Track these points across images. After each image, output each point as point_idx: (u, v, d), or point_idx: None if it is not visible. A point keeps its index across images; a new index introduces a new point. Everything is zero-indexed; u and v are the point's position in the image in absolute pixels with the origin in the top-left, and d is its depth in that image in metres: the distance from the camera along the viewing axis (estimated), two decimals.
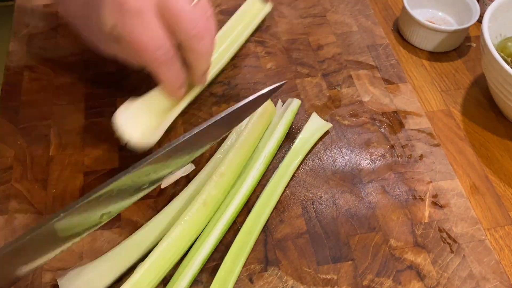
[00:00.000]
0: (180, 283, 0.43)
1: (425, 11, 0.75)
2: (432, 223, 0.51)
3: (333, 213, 0.51)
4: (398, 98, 0.62)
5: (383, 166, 0.55)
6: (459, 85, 0.67)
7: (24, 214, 0.50)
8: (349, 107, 0.61)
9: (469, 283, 0.47)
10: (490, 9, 0.61)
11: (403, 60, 0.70)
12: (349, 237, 0.50)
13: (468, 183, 0.57)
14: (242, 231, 0.48)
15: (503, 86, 0.57)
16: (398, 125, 0.59)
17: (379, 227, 0.51)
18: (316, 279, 0.47)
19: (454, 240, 0.50)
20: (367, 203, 0.52)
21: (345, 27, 0.71)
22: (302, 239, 0.50)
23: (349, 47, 0.68)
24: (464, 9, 0.72)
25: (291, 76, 0.64)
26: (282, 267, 0.48)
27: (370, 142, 0.58)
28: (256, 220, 0.48)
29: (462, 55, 0.71)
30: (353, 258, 0.48)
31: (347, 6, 0.73)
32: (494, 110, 0.65)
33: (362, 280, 0.47)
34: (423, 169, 0.55)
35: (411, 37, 0.71)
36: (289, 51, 0.67)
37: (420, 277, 0.47)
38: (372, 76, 0.64)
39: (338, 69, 0.65)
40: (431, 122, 0.61)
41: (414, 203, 0.53)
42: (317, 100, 0.61)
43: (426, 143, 0.58)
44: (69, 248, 0.48)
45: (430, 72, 0.69)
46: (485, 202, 0.56)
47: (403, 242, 0.50)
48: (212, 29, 0.48)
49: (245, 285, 0.46)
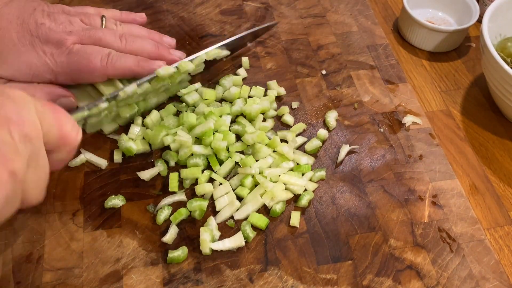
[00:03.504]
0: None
1: (425, 11, 0.75)
2: (431, 223, 0.51)
3: (333, 213, 0.52)
4: (398, 98, 0.62)
5: (383, 166, 0.55)
6: (459, 85, 0.68)
7: (24, 214, 0.50)
8: (349, 107, 0.61)
9: (469, 282, 0.47)
10: (490, 9, 0.61)
11: (403, 60, 0.71)
12: (349, 237, 0.50)
13: (468, 183, 0.57)
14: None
15: (503, 86, 0.57)
16: (398, 125, 0.59)
17: (379, 227, 0.51)
18: (316, 278, 0.47)
19: (454, 240, 0.50)
20: (367, 203, 0.52)
21: (345, 27, 0.71)
22: (302, 239, 0.50)
23: (349, 47, 0.68)
24: (464, 9, 0.72)
25: (291, 76, 0.64)
26: (282, 267, 0.48)
27: (370, 142, 0.58)
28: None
29: (462, 55, 0.72)
30: (353, 257, 0.48)
31: (347, 6, 0.74)
32: (494, 110, 0.65)
33: (362, 280, 0.47)
34: (423, 169, 0.55)
35: (411, 37, 0.72)
36: (289, 51, 0.67)
37: (420, 276, 0.47)
38: (372, 76, 0.64)
39: (338, 69, 0.65)
40: (431, 122, 0.61)
41: (414, 203, 0.53)
42: (317, 100, 0.61)
43: (426, 143, 0.58)
44: (69, 248, 0.48)
45: (430, 72, 0.69)
46: (485, 202, 0.56)
47: (403, 241, 0.50)
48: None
49: (245, 285, 0.46)
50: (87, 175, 0.54)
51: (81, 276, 0.47)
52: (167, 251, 0.48)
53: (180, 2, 0.73)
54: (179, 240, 0.49)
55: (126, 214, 0.51)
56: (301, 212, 0.51)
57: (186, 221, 0.51)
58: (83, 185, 0.53)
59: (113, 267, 0.47)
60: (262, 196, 0.51)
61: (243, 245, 0.49)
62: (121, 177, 0.54)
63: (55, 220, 0.50)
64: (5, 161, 0.35)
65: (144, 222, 0.50)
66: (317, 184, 0.53)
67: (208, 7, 0.72)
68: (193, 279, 0.47)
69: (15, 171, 0.36)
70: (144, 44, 0.57)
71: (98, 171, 0.54)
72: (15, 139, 0.36)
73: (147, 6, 0.72)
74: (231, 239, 0.49)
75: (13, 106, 0.37)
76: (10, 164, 0.35)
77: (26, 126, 0.37)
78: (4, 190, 0.35)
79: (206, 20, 0.70)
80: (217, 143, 0.53)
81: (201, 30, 0.69)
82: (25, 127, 0.37)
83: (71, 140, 0.42)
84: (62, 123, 0.41)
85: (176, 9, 0.72)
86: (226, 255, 0.48)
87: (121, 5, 0.71)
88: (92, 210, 0.51)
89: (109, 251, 0.48)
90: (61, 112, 0.42)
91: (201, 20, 0.70)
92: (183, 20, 0.70)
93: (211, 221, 0.50)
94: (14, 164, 0.36)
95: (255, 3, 0.73)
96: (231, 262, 0.48)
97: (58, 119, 0.41)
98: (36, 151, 0.38)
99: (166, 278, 0.47)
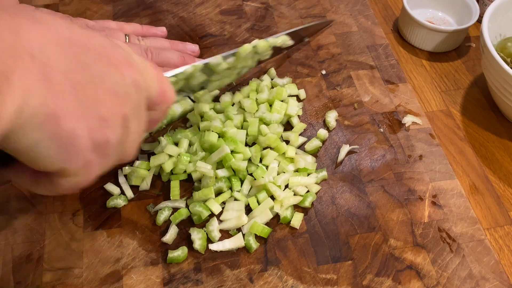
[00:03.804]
0: None
1: (425, 11, 0.75)
2: (431, 223, 0.51)
3: (333, 213, 0.52)
4: (398, 98, 0.62)
5: (383, 166, 0.55)
6: (458, 85, 0.68)
7: (24, 214, 0.50)
8: (349, 107, 0.61)
9: (469, 282, 0.47)
10: (490, 9, 0.61)
11: (403, 60, 0.71)
12: (348, 237, 0.50)
13: (468, 183, 0.57)
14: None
15: (503, 86, 0.57)
16: (398, 125, 0.59)
17: (379, 227, 0.51)
18: (316, 278, 0.47)
19: (454, 240, 0.50)
20: (367, 203, 0.52)
21: (345, 27, 0.71)
22: (302, 239, 0.50)
23: (349, 47, 0.68)
24: (464, 9, 0.72)
25: (291, 76, 0.64)
26: (282, 267, 0.48)
27: (370, 142, 0.58)
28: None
29: (462, 55, 0.72)
30: (353, 257, 0.48)
31: (347, 6, 0.74)
32: (494, 110, 0.65)
33: (362, 280, 0.47)
34: (423, 169, 0.55)
35: (411, 37, 0.72)
36: (289, 51, 0.67)
37: (420, 276, 0.47)
38: (372, 76, 0.64)
39: (338, 69, 0.65)
40: (431, 122, 0.61)
41: (414, 203, 0.53)
42: (317, 100, 0.61)
43: (426, 143, 0.58)
44: (69, 248, 0.48)
45: (430, 72, 0.69)
46: (485, 202, 0.56)
47: (403, 241, 0.50)
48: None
49: (245, 285, 0.46)
50: None
51: (81, 276, 0.47)
52: (167, 251, 0.48)
53: (180, 2, 0.73)
54: (179, 240, 0.49)
55: (126, 214, 0.51)
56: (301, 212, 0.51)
57: (186, 221, 0.51)
58: None
59: (113, 267, 0.47)
60: (273, 206, 0.50)
61: (243, 245, 0.49)
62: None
63: (55, 220, 0.50)
64: (119, 103, 0.34)
65: (144, 222, 0.50)
66: (320, 186, 0.53)
67: (208, 7, 0.72)
68: (193, 279, 0.47)
69: (126, 115, 0.35)
70: (169, 55, 0.58)
71: None
72: (128, 83, 0.35)
73: (147, 6, 0.72)
74: (231, 240, 0.49)
75: (124, 52, 0.36)
76: (124, 107, 0.35)
77: (136, 72, 0.36)
78: (116, 133, 0.34)
79: (206, 20, 0.70)
80: (237, 163, 0.52)
81: (201, 30, 0.69)
82: (135, 74, 0.36)
83: (169, 98, 0.41)
84: (162, 80, 0.40)
85: (176, 9, 0.72)
86: (226, 255, 0.48)
87: (121, 5, 0.71)
88: (92, 210, 0.51)
89: (109, 251, 0.48)
90: (160, 70, 0.42)
91: (201, 20, 0.70)
92: (183, 20, 0.70)
93: (213, 221, 0.50)
94: (126, 107, 0.35)
95: (255, 3, 0.73)
96: (231, 262, 0.48)
97: (159, 75, 0.40)
98: (140, 102, 0.37)
99: (166, 278, 0.47)
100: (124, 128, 0.35)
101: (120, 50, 0.36)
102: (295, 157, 0.54)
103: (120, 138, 0.35)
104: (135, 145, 0.38)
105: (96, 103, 0.33)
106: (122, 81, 0.34)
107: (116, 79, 0.34)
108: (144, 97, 0.37)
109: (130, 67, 0.35)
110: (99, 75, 0.33)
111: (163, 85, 0.40)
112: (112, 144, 0.34)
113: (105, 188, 0.52)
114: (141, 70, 0.37)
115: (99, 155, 0.34)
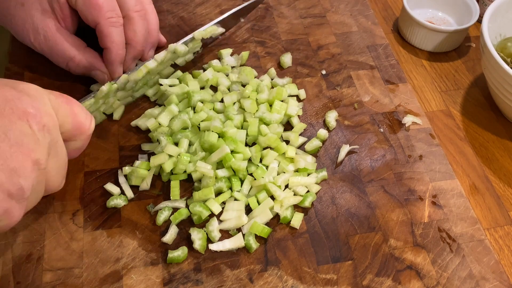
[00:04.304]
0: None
1: (425, 11, 0.75)
2: (431, 223, 0.51)
3: (333, 213, 0.52)
4: (398, 98, 0.62)
5: (383, 166, 0.56)
6: (458, 85, 0.68)
7: (24, 214, 0.50)
8: (349, 107, 0.61)
9: (469, 282, 0.47)
10: (490, 10, 0.61)
11: (403, 60, 0.71)
12: (348, 237, 0.50)
13: (468, 183, 0.57)
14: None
15: (503, 86, 0.57)
16: (398, 125, 0.59)
17: (379, 227, 0.51)
18: (316, 278, 0.47)
19: (454, 240, 0.50)
20: (367, 203, 0.52)
21: (345, 27, 0.71)
22: (302, 239, 0.50)
23: (349, 47, 0.68)
24: (464, 9, 0.72)
25: (291, 76, 0.64)
26: (282, 267, 0.48)
27: (370, 142, 0.58)
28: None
29: (462, 55, 0.72)
30: (353, 257, 0.48)
31: (347, 6, 0.74)
32: (494, 110, 0.65)
33: (362, 280, 0.47)
34: (423, 169, 0.55)
35: (411, 37, 0.72)
36: (289, 51, 0.67)
37: (420, 276, 0.47)
38: (372, 76, 0.64)
39: (338, 69, 0.65)
40: (431, 122, 0.61)
41: (414, 203, 0.53)
42: (317, 100, 0.61)
43: (426, 143, 0.58)
44: (69, 248, 0.48)
45: (430, 72, 0.69)
46: (485, 202, 0.56)
47: (403, 242, 0.50)
48: (153, 13, 0.59)
49: (245, 285, 0.46)
50: (87, 175, 0.54)
51: (81, 276, 0.47)
52: (167, 251, 0.48)
53: (180, 2, 0.73)
54: (179, 240, 0.49)
55: (126, 214, 0.51)
56: (301, 212, 0.51)
57: (186, 221, 0.51)
58: (83, 185, 0.53)
59: (113, 267, 0.47)
60: (273, 206, 0.50)
61: (243, 246, 0.49)
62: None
63: (55, 220, 0.50)
64: (28, 152, 0.37)
65: (144, 222, 0.50)
66: (319, 186, 0.53)
67: (208, 7, 0.72)
68: (193, 279, 0.47)
69: (38, 160, 0.38)
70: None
71: (98, 171, 0.54)
72: (34, 130, 0.38)
73: None
74: (231, 240, 0.49)
75: (29, 99, 0.38)
76: (33, 154, 0.37)
77: (43, 117, 0.39)
78: (30, 179, 0.37)
79: (206, 20, 0.70)
80: (237, 163, 0.52)
81: None
82: (43, 118, 0.38)
83: (85, 129, 0.44)
84: (76, 113, 0.43)
85: (176, 9, 0.72)
86: (226, 255, 0.48)
87: None
88: (92, 210, 0.51)
89: (109, 251, 0.48)
90: (74, 103, 0.44)
91: (201, 20, 0.70)
92: (183, 20, 0.70)
93: (213, 221, 0.50)
94: (36, 153, 0.38)
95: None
96: (231, 262, 0.48)
97: (71, 109, 0.43)
98: (54, 141, 0.40)
99: (166, 278, 0.47)
100: (39, 170, 0.38)
101: (25, 98, 0.38)
102: (295, 157, 0.54)
103: (37, 180, 0.38)
104: (59, 177, 0.43)
105: (3, 158, 0.36)
106: (28, 130, 0.37)
107: (22, 129, 0.37)
108: (56, 135, 0.40)
109: (36, 114, 0.38)
110: (3, 131, 0.36)
111: (77, 119, 0.43)
112: (27, 189, 0.37)
113: (105, 188, 0.52)
114: (49, 112, 0.40)
115: (18, 201, 0.38)
